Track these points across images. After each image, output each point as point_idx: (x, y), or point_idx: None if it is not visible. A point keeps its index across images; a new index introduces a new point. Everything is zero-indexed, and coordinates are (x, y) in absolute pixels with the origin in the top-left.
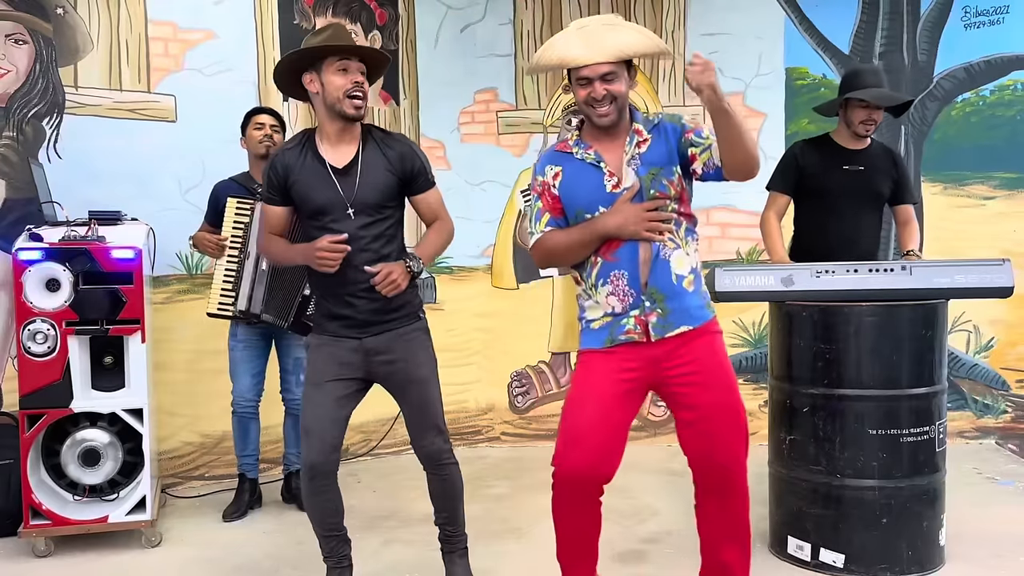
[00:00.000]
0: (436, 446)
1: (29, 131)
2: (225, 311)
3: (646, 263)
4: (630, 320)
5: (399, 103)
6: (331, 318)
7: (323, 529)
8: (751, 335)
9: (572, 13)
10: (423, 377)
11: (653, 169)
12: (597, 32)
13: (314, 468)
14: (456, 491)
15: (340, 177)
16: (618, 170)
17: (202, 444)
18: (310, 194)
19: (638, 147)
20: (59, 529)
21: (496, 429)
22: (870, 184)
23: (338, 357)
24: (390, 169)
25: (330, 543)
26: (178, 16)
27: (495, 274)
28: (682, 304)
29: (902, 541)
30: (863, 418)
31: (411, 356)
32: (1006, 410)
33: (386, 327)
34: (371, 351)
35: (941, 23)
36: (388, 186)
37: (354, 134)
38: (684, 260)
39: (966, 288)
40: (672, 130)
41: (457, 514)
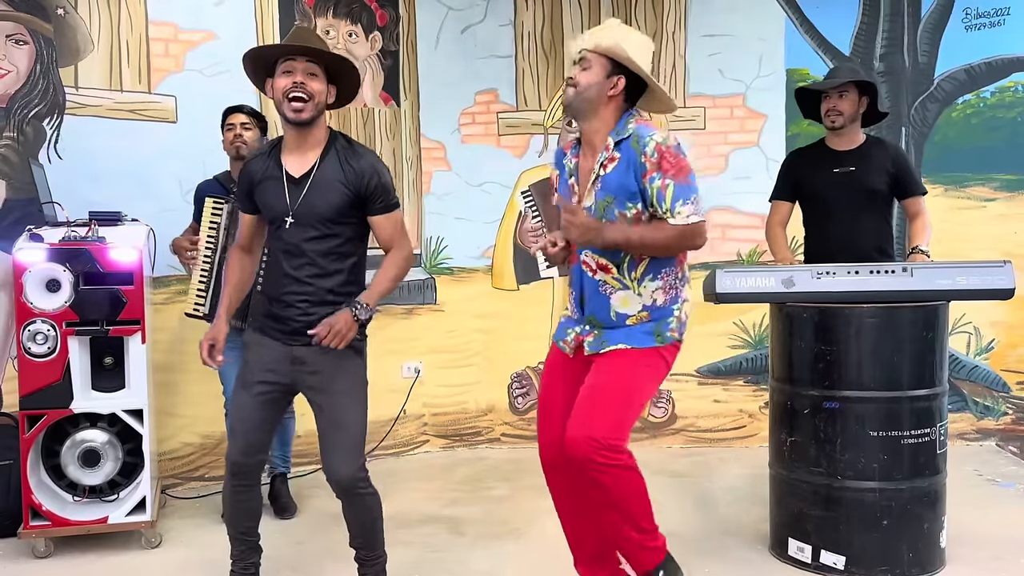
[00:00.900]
0: (345, 473)
1: (29, 131)
2: (197, 312)
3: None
4: (571, 333)
5: (399, 104)
6: (266, 316)
7: (235, 531)
8: (752, 337)
9: (573, 14)
10: (340, 392)
11: (608, 197)
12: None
13: (236, 466)
14: (370, 520)
15: (293, 186)
16: (583, 188)
17: (202, 445)
18: (265, 201)
19: (603, 167)
20: (59, 530)
21: (496, 430)
22: (862, 183)
23: (267, 360)
24: (344, 184)
25: (240, 547)
26: (179, 17)
27: (495, 275)
28: (621, 333)
29: (903, 543)
30: (864, 420)
31: (334, 372)
32: (1007, 412)
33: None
34: (297, 360)
35: (942, 25)
36: (340, 201)
37: (313, 142)
38: (630, 301)
39: (967, 290)
40: (633, 160)
41: (374, 540)
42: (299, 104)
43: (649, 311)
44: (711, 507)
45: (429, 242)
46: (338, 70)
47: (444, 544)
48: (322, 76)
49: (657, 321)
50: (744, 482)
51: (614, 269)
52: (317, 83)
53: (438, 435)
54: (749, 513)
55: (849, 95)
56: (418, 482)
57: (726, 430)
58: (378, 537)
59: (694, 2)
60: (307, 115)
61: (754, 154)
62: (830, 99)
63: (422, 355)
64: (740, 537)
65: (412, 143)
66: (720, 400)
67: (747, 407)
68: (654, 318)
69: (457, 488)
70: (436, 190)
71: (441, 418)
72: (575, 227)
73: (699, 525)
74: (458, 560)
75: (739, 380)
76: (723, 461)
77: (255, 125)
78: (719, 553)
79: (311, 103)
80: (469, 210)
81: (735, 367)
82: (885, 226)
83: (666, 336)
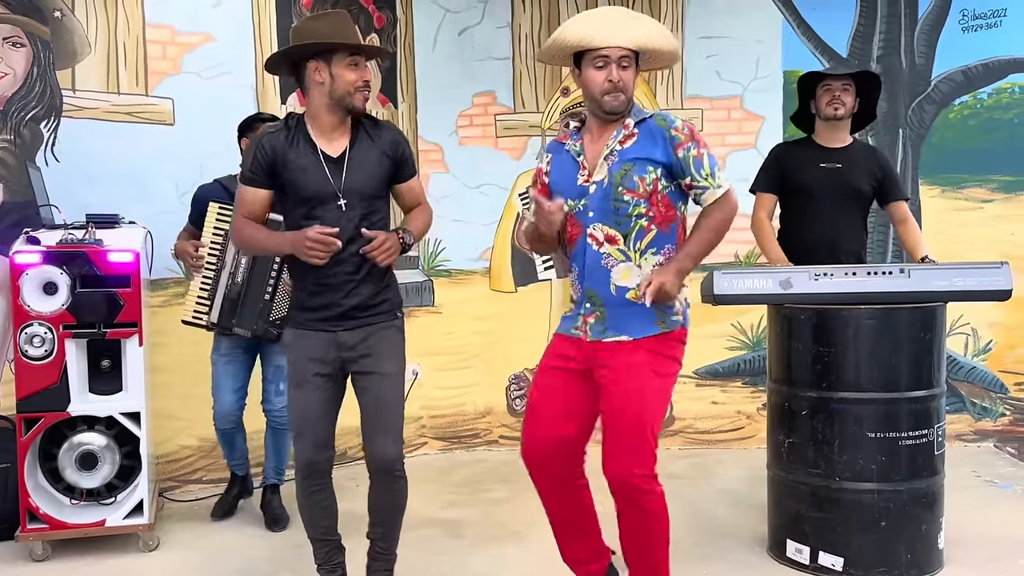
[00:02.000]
0: (388, 452)
1: (27, 134)
2: (199, 320)
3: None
4: (579, 318)
5: (397, 106)
6: (306, 309)
7: (316, 532)
8: (749, 338)
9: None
10: (387, 372)
11: (626, 165)
12: (620, 18)
13: (309, 466)
14: (399, 506)
15: (332, 166)
16: (592, 164)
17: (199, 448)
18: (302, 180)
19: (620, 143)
20: (56, 533)
21: (494, 432)
22: (848, 181)
23: (314, 353)
24: (384, 156)
25: (323, 548)
26: (176, 19)
27: (493, 277)
28: (623, 314)
29: (901, 544)
30: (862, 421)
31: (380, 351)
32: (1004, 413)
33: (362, 321)
34: (343, 345)
35: (939, 26)
36: (382, 175)
37: (347, 125)
38: (629, 273)
39: (964, 291)
40: (661, 135)
41: (394, 531)
42: (365, 94)
43: None
44: (709, 508)
45: (427, 244)
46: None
47: (442, 547)
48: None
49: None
50: (742, 483)
51: (621, 240)
52: (369, 72)
53: (436, 437)
54: (747, 514)
55: (851, 91)
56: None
57: (724, 431)
58: (398, 528)
59: (691, 4)
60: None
61: (752, 156)
62: (833, 89)
63: (420, 357)
64: (738, 539)
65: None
66: (718, 401)
67: (745, 408)
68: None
69: (455, 490)
70: (434, 192)
71: (439, 420)
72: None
73: (697, 527)
74: (457, 563)
75: (737, 381)
76: (721, 462)
77: None
78: (717, 555)
79: (369, 92)
80: (467, 212)
81: (733, 368)
82: (863, 231)
83: (669, 319)
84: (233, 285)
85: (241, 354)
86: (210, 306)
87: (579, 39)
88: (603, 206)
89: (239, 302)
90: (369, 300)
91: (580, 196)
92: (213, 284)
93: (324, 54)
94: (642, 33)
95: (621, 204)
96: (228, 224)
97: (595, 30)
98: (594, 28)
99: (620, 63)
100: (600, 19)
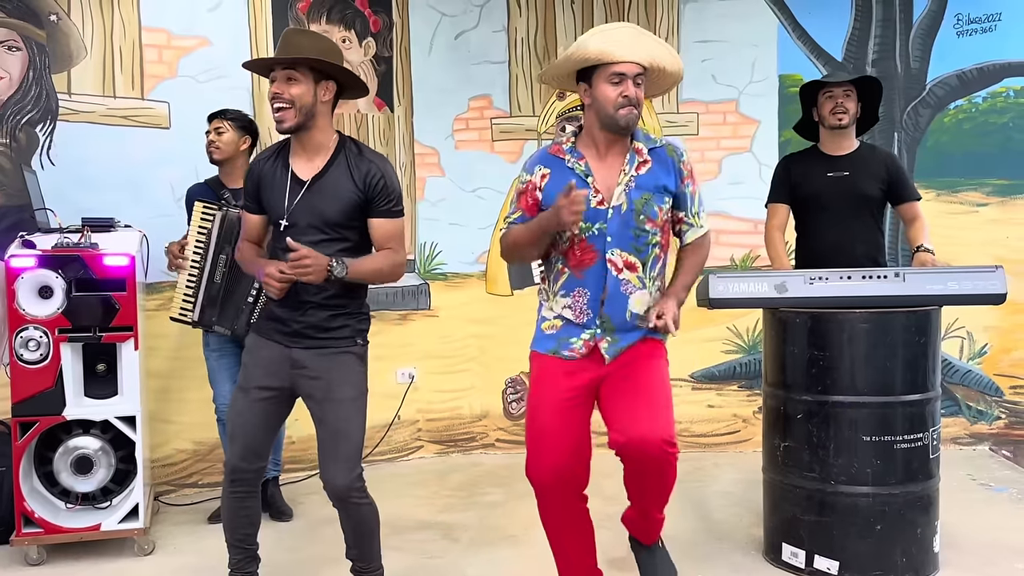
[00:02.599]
0: (341, 482)
1: (22, 138)
2: (184, 316)
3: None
4: (579, 341)
5: (393, 110)
6: (269, 319)
7: (233, 539)
8: (745, 342)
9: (566, 20)
10: (339, 399)
11: (646, 194)
12: (639, 35)
13: (235, 472)
14: (367, 530)
15: (298, 189)
16: (606, 188)
17: (195, 451)
18: (270, 203)
19: (637, 169)
20: (52, 537)
21: (490, 436)
22: (855, 188)
23: (266, 363)
24: (353, 187)
25: (238, 555)
26: (172, 23)
27: (489, 280)
28: (629, 336)
29: (896, 548)
30: (857, 425)
31: (332, 376)
32: (1000, 416)
33: (317, 343)
34: (296, 362)
35: (934, 30)
36: (348, 204)
37: (318, 146)
38: (642, 301)
39: (959, 295)
40: (672, 165)
41: (369, 552)
42: (280, 114)
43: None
44: (705, 512)
45: (423, 248)
46: (322, 67)
47: (438, 550)
48: (305, 78)
49: None
50: (738, 487)
51: (640, 267)
52: (297, 87)
53: (432, 441)
54: (743, 518)
55: (853, 96)
56: (412, 488)
57: (720, 435)
58: (374, 548)
59: (687, 8)
60: (289, 123)
61: (747, 160)
62: (836, 97)
63: (416, 361)
64: (734, 542)
65: (406, 149)
66: (714, 405)
67: (741, 412)
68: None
69: (451, 494)
70: (430, 196)
71: (435, 424)
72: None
73: (693, 530)
74: (452, 566)
75: (733, 385)
76: (717, 466)
77: (233, 127)
78: (713, 558)
79: (293, 108)
80: (463, 216)
81: (729, 372)
82: (878, 234)
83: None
84: (212, 284)
85: (231, 348)
86: (194, 303)
87: (599, 53)
88: (623, 232)
89: (219, 300)
90: (325, 323)
91: (594, 219)
92: (197, 282)
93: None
94: (656, 52)
95: (641, 232)
96: (209, 222)
97: (616, 45)
98: (614, 43)
99: (635, 80)
100: (617, 34)
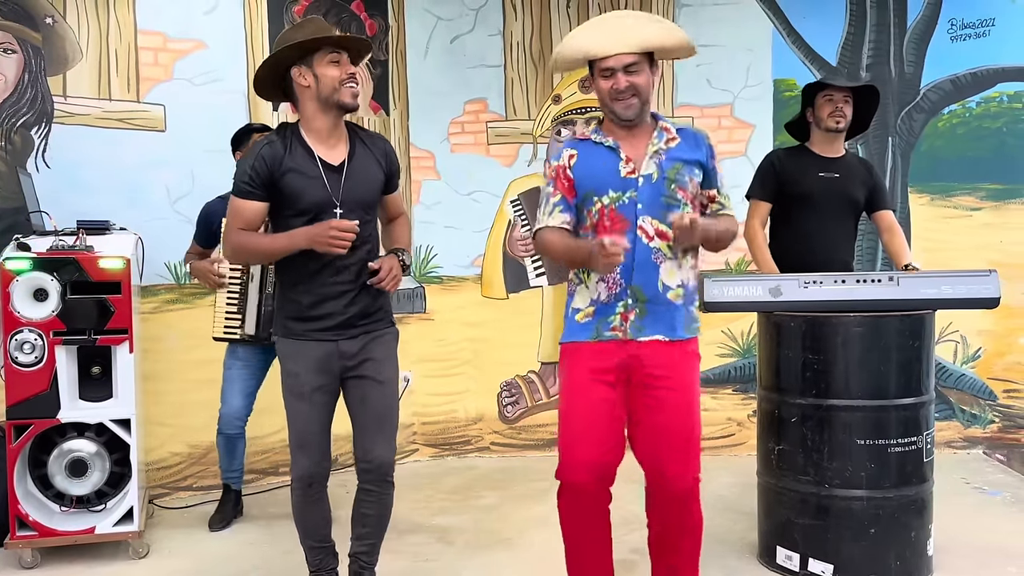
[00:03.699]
0: (387, 458)
1: (17, 140)
2: (232, 334)
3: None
4: (616, 316)
5: (389, 113)
6: (304, 320)
7: (314, 541)
8: (740, 345)
9: (561, 24)
10: (385, 379)
11: (677, 164)
12: (619, 24)
13: (312, 478)
14: (387, 516)
15: (331, 174)
16: (637, 158)
17: (190, 455)
18: (303, 189)
19: (667, 143)
20: (46, 540)
21: (486, 439)
22: (846, 190)
23: (319, 364)
24: (380, 167)
25: (318, 555)
26: (168, 26)
27: (485, 284)
28: (662, 313)
29: (890, 551)
30: (851, 428)
31: (379, 357)
32: (993, 420)
33: (362, 329)
34: (345, 354)
35: (928, 35)
36: (379, 184)
37: (342, 131)
38: (674, 272)
39: (953, 299)
40: (702, 141)
41: (380, 543)
42: (357, 89)
43: (683, 288)
44: None
45: (419, 251)
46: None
47: (433, 554)
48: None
49: (687, 303)
50: (732, 490)
51: (671, 235)
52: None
53: (427, 444)
54: (737, 522)
55: (851, 102)
56: (407, 491)
57: (715, 438)
58: (382, 539)
59: (682, 13)
60: (359, 101)
61: (742, 164)
62: (836, 101)
63: (412, 364)
64: (728, 545)
65: (401, 152)
66: (709, 408)
67: (735, 415)
68: (685, 298)
69: (446, 497)
70: (425, 199)
71: (431, 427)
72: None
73: None
74: (447, 570)
75: (728, 388)
76: (712, 470)
77: None
78: (707, 562)
79: (360, 92)
80: (458, 219)
81: (723, 376)
82: (854, 239)
83: (693, 326)
84: (265, 296)
85: (259, 360)
86: (242, 320)
87: (578, 52)
88: (654, 199)
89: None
90: (368, 308)
91: (624, 188)
92: (241, 298)
93: (304, 57)
94: (639, 35)
95: (673, 200)
96: None
97: (593, 41)
98: (592, 39)
99: (627, 70)
100: (597, 29)
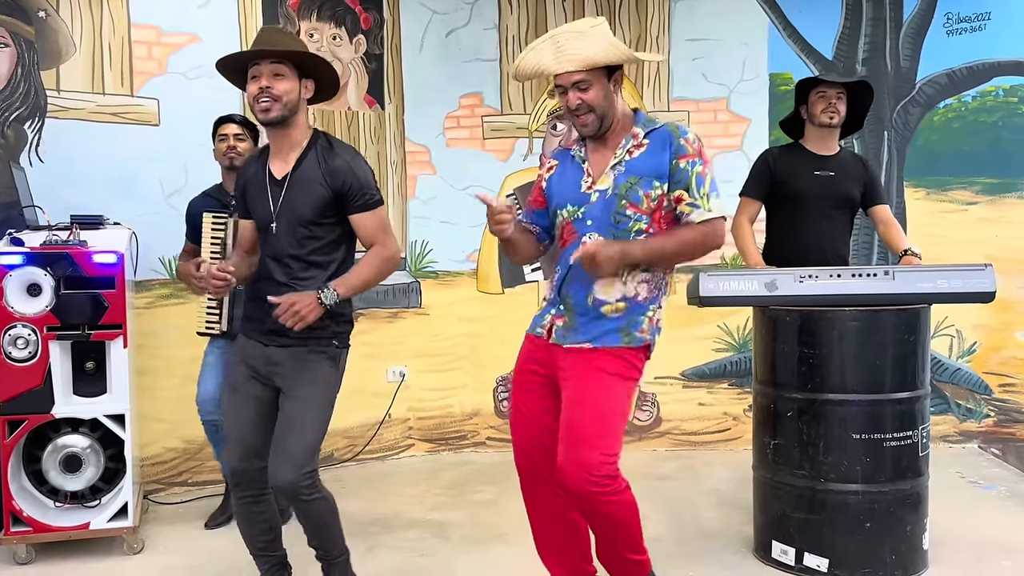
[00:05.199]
0: (283, 478)
1: (11, 134)
2: (212, 330)
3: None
4: (548, 317)
5: (384, 108)
6: (247, 318)
7: (255, 548)
8: (735, 339)
9: (557, 17)
10: (298, 396)
11: (632, 178)
12: (566, 41)
13: (236, 475)
14: (320, 523)
15: (275, 188)
16: (597, 172)
17: (185, 450)
18: (253, 203)
19: (629, 153)
20: (40, 536)
21: (481, 434)
22: (841, 188)
23: (249, 361)
24: (322, 183)
25: (264, 565)
26: (161, 19)
27: (481, 279)
28: (589, 326)
29: (885, 545)
30: (847, 422)
31: (298, 374)
32: (989, 414)
33: (290, 342)
34: (270, 360)
35: (924, 29)
36: (319, 200)
37: (293, 143)
38: (612, 288)
39: (949, 293)
40: (671, 142)
41: (327, 542)
42: (266, 104)
43: (627, 303)
44: (695, 510)
45: (414, 246)
46: (308, 64)
47: (429, 549)
48: (291, 74)
49: (629, 316)
50: (728, 485)
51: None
52: (284, 83)
53: (423, 439)
54: (733, 516)
55: (844, 99)
56: (403, 486)
57: (710, 433)
58: (333, 539)
59: (678, 6)
60: (275, 114)
61: (737, 158)
62: (829, 97)
63: (407, 359)
64: (724, 540)
65: (397, 147)
66: (704, 403)
67: (731, 410)
68: (628, 312)
69: (442, 492)
70: (421, 194)
71: (426, 422)
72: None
73: (683, 528)
74: (443, 565)
75: (723, 383)
76: (707, 464)
77: (248, 136)
78: (703, 556)
79: (279, 103)
80: (454, 214)
81: (719, 370)
82: (849, 237)
83: (634, 336)
84: (237, 293)
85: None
86: (219, 315)
87: (535, 69)
88: (603, 217)
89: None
90: None
91: (580, 203)
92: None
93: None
94: (582, 52)
95: (622, 218)
96: (221, 231)
97: (541, 60)
98: (540, 58)
99: (577, 87)
100: (544, 47)
